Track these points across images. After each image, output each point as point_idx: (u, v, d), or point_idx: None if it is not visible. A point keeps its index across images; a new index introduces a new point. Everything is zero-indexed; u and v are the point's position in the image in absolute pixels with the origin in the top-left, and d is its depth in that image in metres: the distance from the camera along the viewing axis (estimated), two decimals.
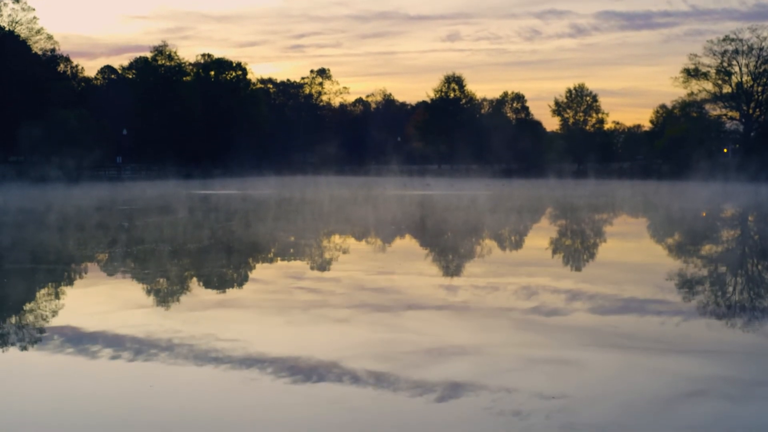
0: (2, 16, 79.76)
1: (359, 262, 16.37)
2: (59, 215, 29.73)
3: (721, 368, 7.63)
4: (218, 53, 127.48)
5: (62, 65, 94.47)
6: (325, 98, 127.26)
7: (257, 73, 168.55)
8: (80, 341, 8.50)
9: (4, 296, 12.01)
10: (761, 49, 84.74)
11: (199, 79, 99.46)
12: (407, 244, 21.23)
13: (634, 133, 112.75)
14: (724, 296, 12.11)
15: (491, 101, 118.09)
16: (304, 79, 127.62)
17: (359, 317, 10.00)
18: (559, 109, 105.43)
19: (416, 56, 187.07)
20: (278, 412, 6.25)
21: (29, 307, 11.10)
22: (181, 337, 8.65)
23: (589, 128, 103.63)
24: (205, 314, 10.16)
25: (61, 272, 14.71)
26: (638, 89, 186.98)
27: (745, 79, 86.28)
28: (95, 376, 7.28)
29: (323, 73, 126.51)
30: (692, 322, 9.80)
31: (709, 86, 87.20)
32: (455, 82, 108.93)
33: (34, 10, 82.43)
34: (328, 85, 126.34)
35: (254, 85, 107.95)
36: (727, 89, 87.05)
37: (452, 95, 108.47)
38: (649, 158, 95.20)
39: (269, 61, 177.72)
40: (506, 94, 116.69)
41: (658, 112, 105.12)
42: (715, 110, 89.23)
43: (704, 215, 32.72)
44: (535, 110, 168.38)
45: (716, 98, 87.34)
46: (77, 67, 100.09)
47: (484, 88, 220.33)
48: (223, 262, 15.94)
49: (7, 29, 78.68)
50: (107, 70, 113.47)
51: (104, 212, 32.20)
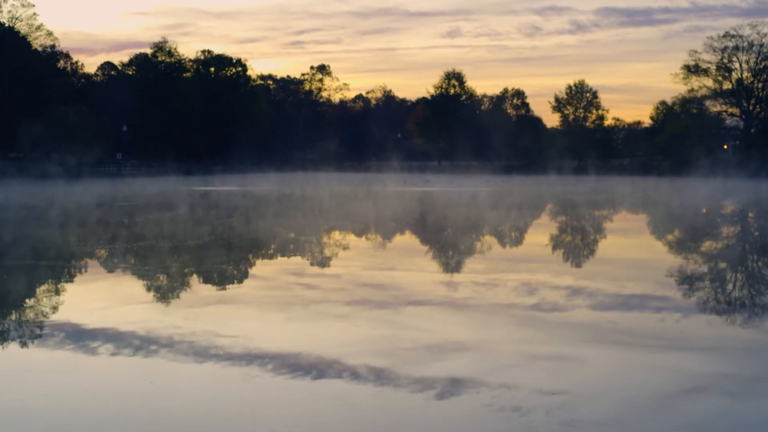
0: (2, 12, 79.76)
1: (359, 258, 16.37)
2: (60, 212, 29.73)
3: (721, 365, 7.64)
4: (218, 49, 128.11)
5: (62, 61, 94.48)
6: (325, 95, 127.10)
7: (257, 69, 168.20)
8: (80, 337, 8.50)
9: (4, 292, 12.02)
10: (761, 45, 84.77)
11: (199, 75, 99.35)
12: (407, 240, 21.23)
13: (634, 129, 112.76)
14: (724, 293, 12.11)
15: (491, 98, 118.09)
16: (304, 75, 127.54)
17: (359, 313, 10.01)
18: (559, 105, 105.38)
19: (416, 52, 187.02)
20: (278, 408, 6.25)
21: (30, 303, 11.11)
22: (181, 333, 8.66)
23: (589, 125, 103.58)
24: (205, 310, 10.17)
25: (61, 268, 14.71)
26: (638, 86, 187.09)
27: (745, 75, 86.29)
28: (95, 372, 7.29)
29: (323, 69, 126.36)
30: (692, 318, 9.81)
31: (709, 83, 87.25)
32: (455, 78, 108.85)
33: (34, 6, 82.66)
34: (328, 81, 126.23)
35: (254, 81, 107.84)
36: (727, 86, 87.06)
37: (452, 92, 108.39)
38: (649, 155, 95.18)
39: (269, 57, 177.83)
40: (506, 90, 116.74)
41: (658, 108, 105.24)
42: (715, 107, 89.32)
43: (704, 212, 32.72)
44: (535, 107, 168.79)
45: (716, 95, 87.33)
46: (77, 63, 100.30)
47: (484, 84, 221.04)
48: (223, 258, 15.94)
49: (7, 25, 78.60)
50: (107, 66, 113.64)
51: (104, 209, 32.20)
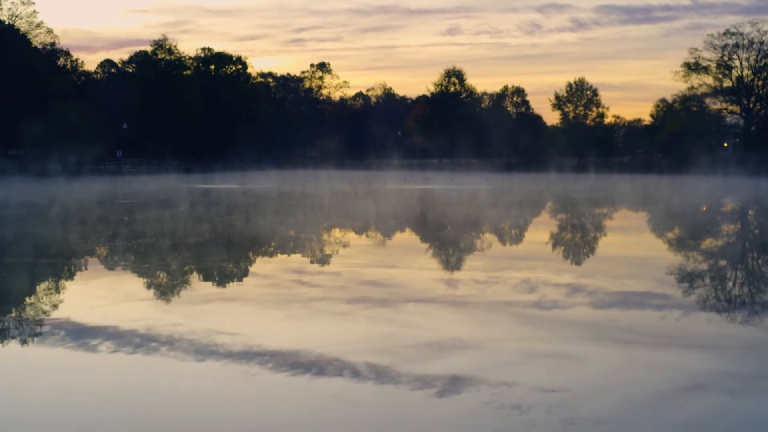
0: (2, 9, 79.64)
1: (359, 256, 16.37)
2: (60, 209, 29.73)
3: (721, 362, 7.64)
4: (218, 47, 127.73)
5: (62, 59, 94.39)
6: (325, 92, 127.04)
7: (257, 67, 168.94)
8: (81, 335, 8.51)
9: (5, 290, 12.02)
10: (762, 43, 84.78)
11: (199, 73, 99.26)
12: (407, 238, 21.23)
13: (634, 127, 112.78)
14: (724, 290, 12.11)
15: (491, 95, 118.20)
16: (304, 73, 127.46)
17: (359, 311, 10.00)
18: (559, 103, 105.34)
19: (416, 50, 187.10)
20: (279, 406, 6.25)
21: (30, 300, 11.11)
22: (181, 331, 8.66)
23: (589, 122, 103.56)
24: (205, 308, 10.17)
25: (61, 266, 14.71)
26: (638, 83, 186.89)
27: (745, 73, 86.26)
28: (96, 369, 7.29)
29: (323, 67, 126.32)
30: (692, 316, 9.81)
31: (709, 80, 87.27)
32: (455, 76, 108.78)
33: (33, 3, 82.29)
34: (328, 79, 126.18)
35: (254, 79, 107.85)
36: (727, 83, 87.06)
37: (452, 89, 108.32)
38: (649, 152, 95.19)
39: (269, 55, 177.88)
40: (506, 88, 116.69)
41: (658, 106, 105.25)
42: (715, 104, 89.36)
43: (704, 209, 32.71)
44: (535, 104, 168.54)
45: (717, 92, 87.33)
46: (77, 61, 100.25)
47: (484, 82, 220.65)
48: (223, 256, 15.94)
49: (7, 23, 78.49)
50: (107, 64, 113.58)
51: (105, 206, 32.20)
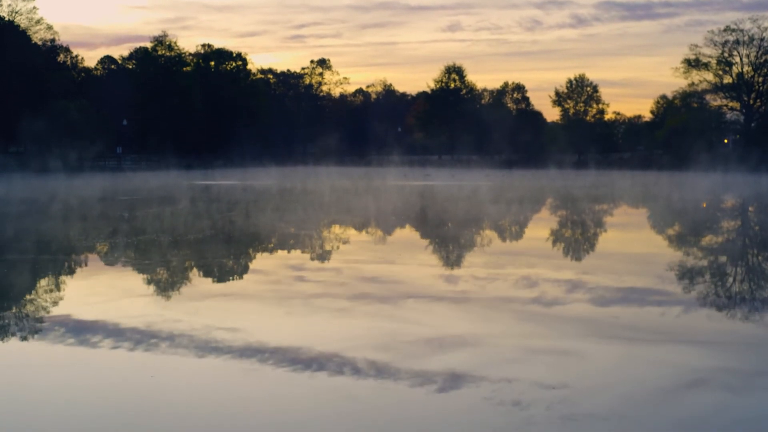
0: (2, 6, 79.58)
1: (360, 252, 16.37)
2: (61, 206, 29.73)
3: (721, 359, 7.64)
4: (218, 43, 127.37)
5: (62, 55, 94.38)
6: (325, 88, 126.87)
7: (257, 63, 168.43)
8: (81, 331, 8.51)
9: (5, 286, 12.02)
10: (762, 39, 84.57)
11: (199, 69, 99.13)
12: (408, 234, 21.23)
13: (634, 123, 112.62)
14: (724, 287, 12.11)
15: (492, 92, 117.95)
16: (304, 69, 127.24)
17: (360, 307, 10.01)
18: (559, 99, 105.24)
19: (417, 46, 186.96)
20: (279, 402, 6.26)
21: (30, 296, 11.12)
22: (181, 327, 8.66)
23: (589, 119, 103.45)
24: (205, 304, 10.17)
25: (62, 262, 14.72)
26: (639, 80, 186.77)
27: (745, 69, 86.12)
28: (96, 366, 7.29)
29: (323, 63, 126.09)
30: (692, 312, 9.81)
31: (709, 77, 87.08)
32: (456, 72, 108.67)
33: (33, 0, 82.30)
34: (328, 75, 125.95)
35: (254, 75, 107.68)
36: (727, 80, 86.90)
37: (453, 86, 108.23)
38: (649, 149, 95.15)
39: (269, 51, 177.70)
40: (507, 84, 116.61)
41: (658, 102, 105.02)
42: (715, 101, 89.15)
43: (704, 206, 32.71)
44: (535, 101, 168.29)
45: (717, 89, 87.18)
46: (77, 57, 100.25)
47: (484, 78, 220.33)
48: (223, 252, 15.94)
49: (6, 19, 78.47)
50: (107, 60, 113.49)
51: (105, 203, 32.20)
